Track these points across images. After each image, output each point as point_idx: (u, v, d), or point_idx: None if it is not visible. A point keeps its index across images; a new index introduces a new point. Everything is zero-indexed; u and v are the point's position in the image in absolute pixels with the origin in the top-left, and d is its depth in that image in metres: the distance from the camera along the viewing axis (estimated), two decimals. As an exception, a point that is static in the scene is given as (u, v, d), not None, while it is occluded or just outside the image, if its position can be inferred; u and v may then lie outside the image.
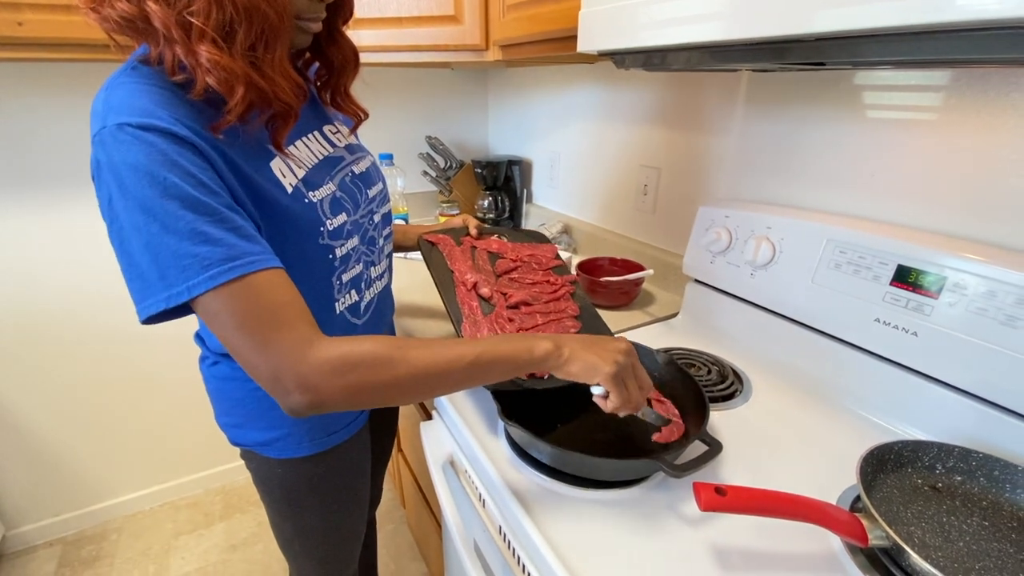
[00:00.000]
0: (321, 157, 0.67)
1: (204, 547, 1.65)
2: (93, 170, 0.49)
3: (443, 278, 0.83)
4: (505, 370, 0.56)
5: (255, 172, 0.56)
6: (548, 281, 0.90)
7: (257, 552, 1.63)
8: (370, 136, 1.23)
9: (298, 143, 0.64)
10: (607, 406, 0.59)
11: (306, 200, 0.61)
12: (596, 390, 0.59)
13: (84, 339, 1.53)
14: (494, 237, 0.95)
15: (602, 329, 0.86)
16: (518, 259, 0.92)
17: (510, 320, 0.80)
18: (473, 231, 0.95)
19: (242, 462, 0.79)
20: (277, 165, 0.59)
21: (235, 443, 0.75)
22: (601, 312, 0.90)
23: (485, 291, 0.82)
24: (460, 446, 0.76)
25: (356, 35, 0.71)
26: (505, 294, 0.84)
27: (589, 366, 0.56)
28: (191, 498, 1.85)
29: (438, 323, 1.05)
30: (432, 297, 1.16)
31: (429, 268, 0.85)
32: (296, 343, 0.49)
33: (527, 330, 0.79)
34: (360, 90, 0.75)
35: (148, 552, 1.64)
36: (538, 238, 1.00)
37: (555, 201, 1.67)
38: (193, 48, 0.48)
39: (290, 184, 0.60)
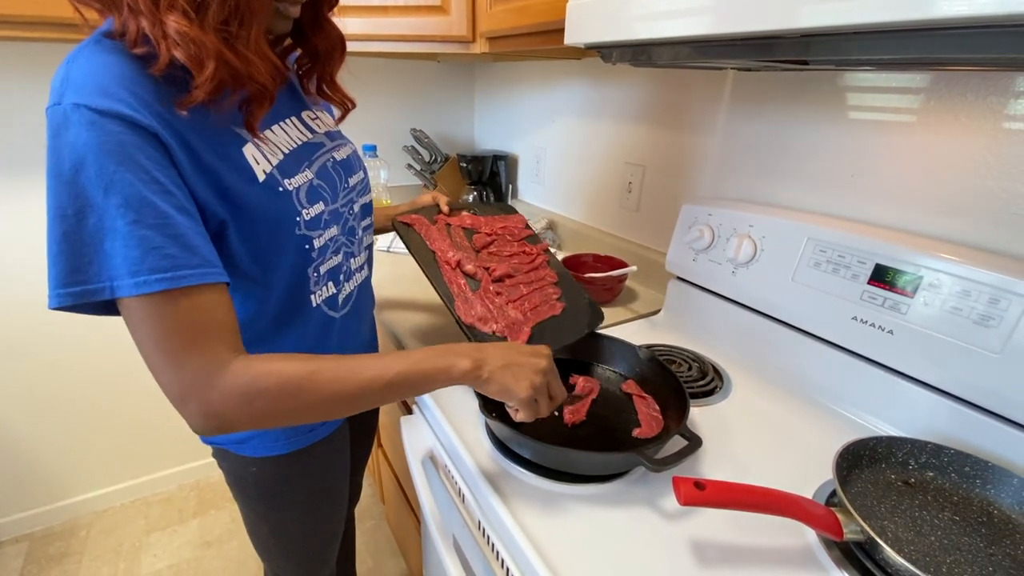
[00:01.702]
0: (299, 143, 0.64)
1: (177, 544, 1.62)
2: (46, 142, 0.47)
3: (425, 259, 0.83)
4: (423, 388, 0.56)
5: (222, 159, 0.53)
6: (524, 252, 0.93)
7: (232, 549, 1.60)
8: (354, 127, 1.21)
9: (274, 128, 0.62)
10: (516, 418, 0.60)
11: (280, 189, 0.58)
12: (509, 403, 0.60)
13: (54, 332, 1.49)
14: (464, 213, 0.95)
15: (580, 294, 0.90)
16: (492, 232, 0.93)
17: (498, 293, 0.82)
18: (444, 207, 0.94)
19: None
20: (250, 151, 0.56)
21: (208, 441, 0.73)
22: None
23: (469, 268, 0.84)
24: (440, 441, 0.75)
25: (341, 23, 0.70)
26: (488, 268, 0.86)
27: (505, 389, 0.56)
28: (164, 494, 1.81)
29: (422, 316, 1.04)
30: (414, 290, 1.15)
31: (409, 250, 0.84)
32: (207, 367, 0.48)
33: (514, 301, 0.82)
34: (344, 80, 0.73)
35: (119, 549, 1.60)
36: (506, 209, 1.02)
37: (540, 197, 1.66)
38: (160, 18, 0.46)
39: (263, 171, 0.57)
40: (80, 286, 0.45)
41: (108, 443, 1.68)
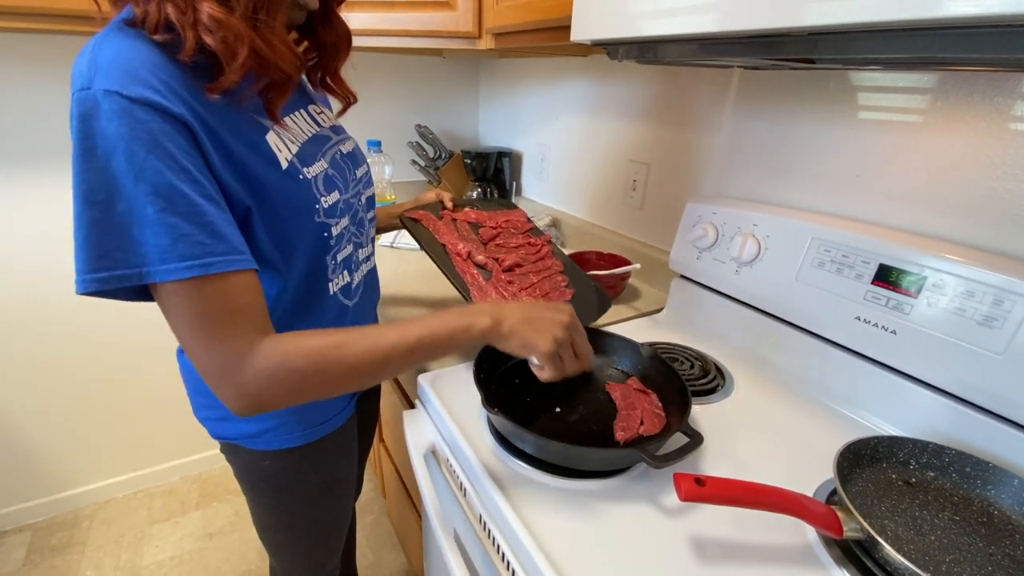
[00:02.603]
0: (310, 135, 0.65)
1: (179, 535, 1.63)
2: (71, 127, 0.47)
3: (437, 251, 0.86)
4: (446, 350, 0.57)
5: (247, 147, 0.54)
6: (530, 243, 0.97)
7: (234, 541, 1.61)
8: (359, 122, 1.22)
9: (287, 119, 0.63)
10: (542, 376, 0.60)
11: (301, 176, 0.59)
12: (533, 360, 0.60)
13: (58, 323, 1.50)
14: (467, 209, 0.98)
15: (586, 281, 0.94)
16: (497, 226, 0.97)
17: (509, 282, 0.86)
18: (448, 203, 0.96)
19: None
20: (273, 138, 0.57)
21: (218, 437, 0.73)
22: (588, 306, 0.95)
23: (480, 258, 0.87)
24: (442, 435, 0.76)
25: (347, 17, 0.70)
26: (497, 259, 0.89)
27: (526, 343, 0.57)
28: (166, 486, 1.82)
29: (426, 312, 1.04)
30: (418, 286, 1.16)
31: (420, 244, 0.86)
32: (237, 350, 0.49)
33: (526, 289, 0.87)
34: (348, 75, 0.74)
35: (121, 540, 1.61)
36: (507, 205, 1.05)
37: (544, 194, 1.66)
38: (194, 4, 0.46)
39: (285, 159, 0.58)
40: (108, 271, 0.45)
41: (111, 434, 1.69)
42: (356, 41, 0.73)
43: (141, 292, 0.49)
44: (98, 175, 0.44)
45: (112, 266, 0.45)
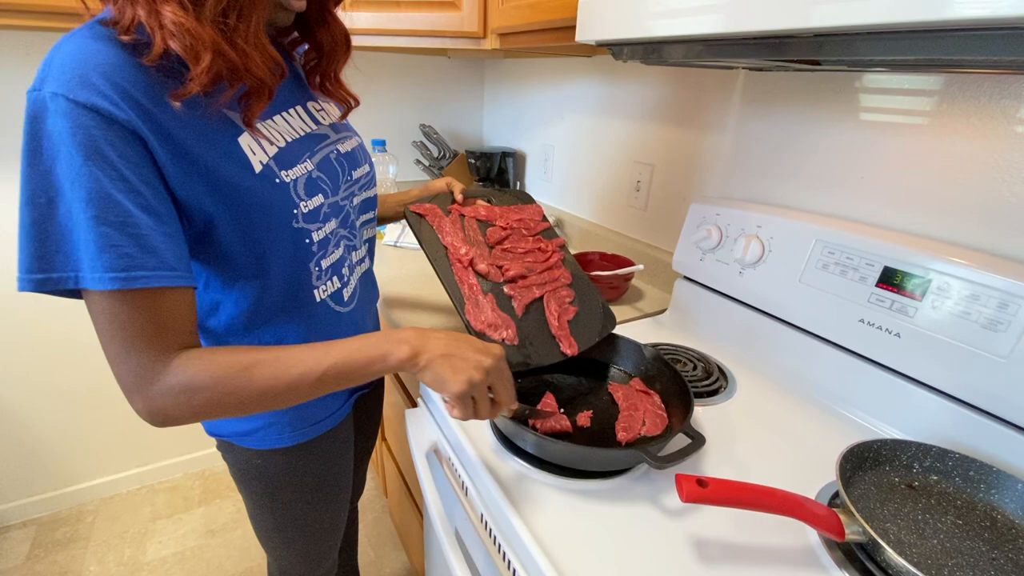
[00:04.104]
0: (302, 133, 0.63)
1: (182, 531, 1.63)
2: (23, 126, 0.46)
3: (437, 254, 0.81)
4: (359, 378, 0.56)
5: (215, 152, 0.52)
6: (539, 248, 0.89)
7: (236, 537, 1.61)
8: (364, 121, 1.22)
9: (276, 117, 0.61)
10: (452, 414, 0.58)
11: (276, 180, 0.57)
12: (444, 397, 0.57)
13: (62, 319, 1.50)
14: (480, 201, 0.92)
15: (594, 296, 0.88)
16: (508, 225, 0.90)
17: (510, 297, 0.81)
18: (459, 195, 0.90)
19: (221, 449, 0.77)
20: (246, 140, 0.55)
21: (212, 434, 0.73)
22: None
23: (482, 267, 0.81)
24: (445, 434, 0.76)
25: (352, 16, 0.70)
26: (501, 267, 0.83)
27: (439, 379, 0.55)
28: (170, 482, 1.82)
29: (428, 315, 1.04)
30: (421, 288, 1.16)
31: (420, 243, 0.82)
32: (150, 365, 0.49)
33: (527, 304, 0.81)
34: (352, 74, 0.73)
35: (124, 535, 1.62)
36: (523, 198, 0.98)
37: (548, 195, 1.66)
38: (157, 8, 0.45)
39: (260, 162, 0.56)
40: (45, 273, 0.45)
41: (115, 430, 1.70)
42: (361, 40, 0.73)
43: (78, 293, 0.48)
44: (41, 178, 0.44)
45: (48, 268, 0.45)
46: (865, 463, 0.61)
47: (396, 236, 1.47)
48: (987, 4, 0.34)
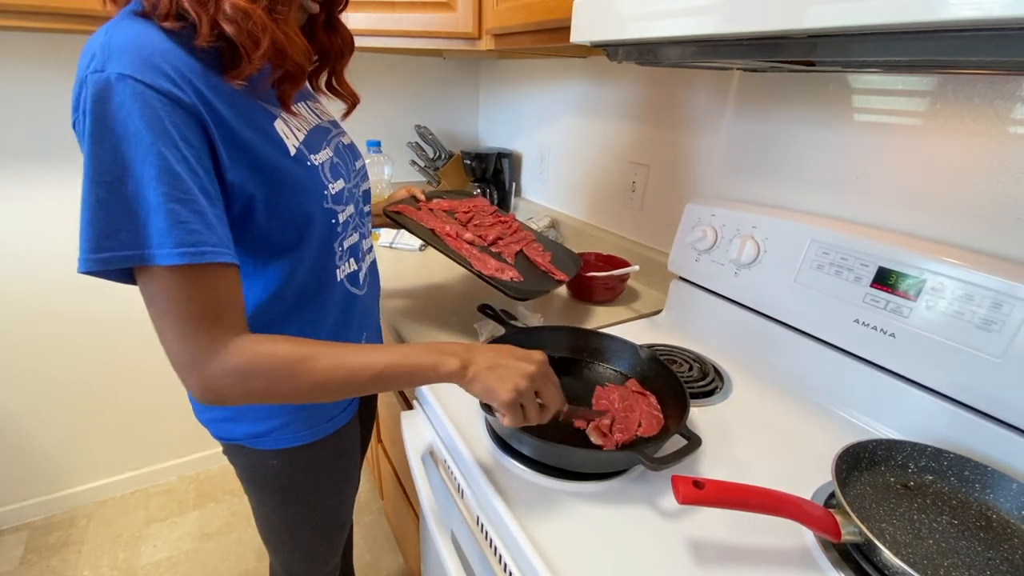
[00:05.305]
0: (314, 124, 0.67)
1: (176, 535, 1.62)
2: (77, 108, 0.47)
3: (427, 235, 0.93)
4: (410, 383, 0.57)
5: (256, 133, 0.55)
6: (501, 221, 1.09)
7: (231, 541, 1.60)
8: (358, 122, 1.21)
9: (295, 107, 0.64)
10: (503, 422, 0.58)
11: (308, 163, 0.61)
12: (495, 407, 0.57)
13: (56, 323, 1.49)
14: (437, 200, 1.08)
15: (556, 245, 1.09)
16: (469, 210, 1.08)
17: (498, 253, 0.98)
18: (421, 196, 1.05)
19: (219, 450, 0.76)
20: (280, 125, 0.59)
21: (222, 438, 0.73)
22: (586, 308, 1.02)
23: (468, 236, 0.97)
24: (440, 437, 0.76)
25: (346, 17, 0.70)
26: (480, 236, 1.01)
27: (488, 390, 0.55)
28: (164, 485, 1.81)
29: (422, 309, 1.04)
30: (416, 284, 1.16)
31: (411, 231, 0.93)
32: (211, 343, 0.50)
33: (514, 254, 0.99)
34: (347, 75, 0.75)
35: (118, 539, 1.60)
36: (466, 195, 1.16)
37: (544, 195, 1.66)
38: None
39: (293, 145, 0.59)
40: (110, 252, 0.46)
41: (109, 434, 1.69)
42: (356, 42, 0.73)
43: (133, 275, 0.49)
44: (108, 156, 0.45)
45: (115, 247, 0.46)
46: (861, 463, 0.61)
47: (391, 238, 1.47)
48: (980, 5, 0.34)
